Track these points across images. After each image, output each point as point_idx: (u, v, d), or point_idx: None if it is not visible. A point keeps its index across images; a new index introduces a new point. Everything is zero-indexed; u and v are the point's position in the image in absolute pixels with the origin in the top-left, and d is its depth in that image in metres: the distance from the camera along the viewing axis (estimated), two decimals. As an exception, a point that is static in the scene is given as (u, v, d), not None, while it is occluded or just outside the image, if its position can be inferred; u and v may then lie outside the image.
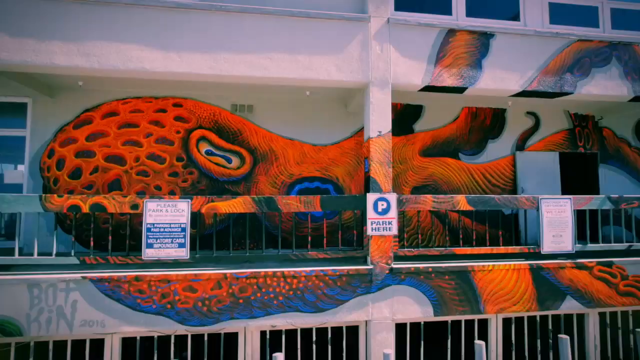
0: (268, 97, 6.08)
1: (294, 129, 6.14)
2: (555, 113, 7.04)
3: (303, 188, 6.08)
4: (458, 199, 4.87)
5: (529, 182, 6.71)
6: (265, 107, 6.09)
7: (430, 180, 6.48)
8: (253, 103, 6.04)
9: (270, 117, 6.10)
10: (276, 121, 6.11)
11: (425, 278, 4.66)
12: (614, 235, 5.38)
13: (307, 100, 6.16)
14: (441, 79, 4.96)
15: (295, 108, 6.18)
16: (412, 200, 4.78)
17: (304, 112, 6.20)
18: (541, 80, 5.23)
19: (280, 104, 6.13)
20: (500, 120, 6.82)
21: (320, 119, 6.24)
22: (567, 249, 5.09)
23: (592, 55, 5.41)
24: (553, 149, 6.96)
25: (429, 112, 6.57)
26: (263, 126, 6.08)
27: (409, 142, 6.47)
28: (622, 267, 5.21)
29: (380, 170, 4.68)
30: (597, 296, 5.10)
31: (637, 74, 5.53)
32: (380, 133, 4.73)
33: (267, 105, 6.10)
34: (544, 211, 5.03)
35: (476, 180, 6.61)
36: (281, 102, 6.13)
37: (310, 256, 4.53)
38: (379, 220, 4.60)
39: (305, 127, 6.18)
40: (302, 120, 6.19)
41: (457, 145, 6.63)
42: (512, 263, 4.88)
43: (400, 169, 6.41)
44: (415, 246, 4.87)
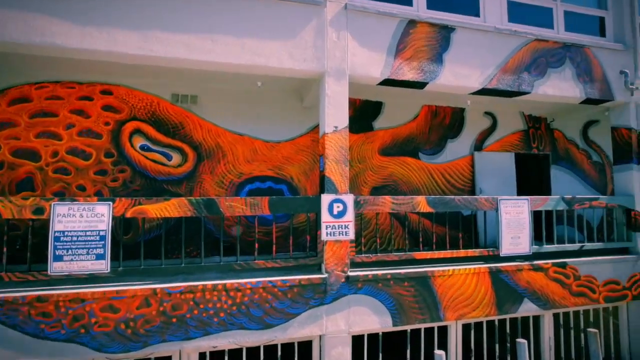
0: (215, 87, 5.46)
1: (244, 123, 5.58)
2: (511, 114, 7.07)
3: (254, 188, 5.54)
4: (418, 200, 4.59)
5: (487, 182, 6.66)
6: (211, 98, 5.47)
7: (390, 180, 6.20)
8: (197, 93, 5.39)
9: (217, 110, 5.49)
10: (224, 114, 5.51)
11: (383, 286, 4.32)
12: (561, 235, 5.40)
13: (259, 92, 5.62)
14: (401, 73, 4.65)
15: (246, 100, 5.62)
16: (371, 201, 4.42)
17: (255, 105, 5.65)
18: (500, 78, 5.10)
19: (228, 95, 5.54)
20: (460, 120, 6.71)
21: (274, 113, 5.73)
22: (524, 251, 5.00)
23: (547, 55, 5.39)
24: (509, 150, 6.97)
25: (389, 110, 6.29)
26: (209, 119, 5.45)
27: (368, 140, 6.14)
28: (575, 267, 5.22)
29: (336, 169, 4.27)
30: (552, 297, 5.06)
31: (588, 76, 5.60)
32: (336, 128, 4.32)
33: (213, 96, 5.48)
34: (502, 212, 4.90)
35: (436, 180, 6.44)
36: (229, 93, 5.54)
37: (257, 265, 4.01)
38: (335, 223, 4.19)
39: (257, 121, 5.64)
40: (254, 114, 5.64)
41: (417, 144, 6.41)
42: (472, 267, 4.69)
43: (359, 169, 6.07)
44: (374, 251, 4.52)
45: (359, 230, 4.68)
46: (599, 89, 5.64)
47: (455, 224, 6.17)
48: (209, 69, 4.27)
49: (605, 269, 5.39)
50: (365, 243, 5.82)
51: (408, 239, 6.07)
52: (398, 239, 6.10)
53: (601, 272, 5.36)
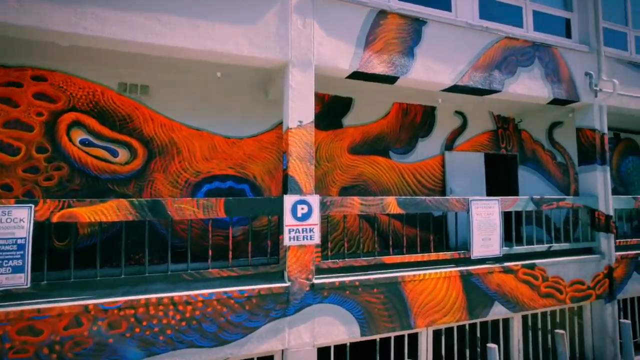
0: (169, 77, 4.95)
1: (202, 117, 5.10)
2: (481, 114, 7.02)
3: (213, 189, 5.07)
4: (388, 201, 4.33)
5: (457, 182, 6.55)
6: (165, 89, 4.95)
7: (360, 180, 5.93)
8: (149, 83, 4.86)
9: (171, 102, 4.97)
10: (179, 107, 5.01)
11: (351, 293, 4.01)
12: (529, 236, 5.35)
13: (220, 84, 5.16)
14: (371, 65, 4.37)
15: (205, 92, 5.14)
16: (338, 203, 4.11)
17: (215, 98, 5.19)
18: (472, 75, 4.95)
19: (184, 86, 5.03)
20: (431, 119, 6.55)
21: (236, 107, 5.29)
22: (495, 253, 4.87)
23: (517, 54, 5.31)
24: (479, 150, 6.91)
25: (359, 106, 6.01)
26: (162, 112, 4.93)
27: (337, 137, 5.84)
28: (544, 268, 5.17)
29: (301, 167, 3.92)
30: (521, 300, 4.98)
31: (556, 76, 5.59)
32: (301, 123, 3.96)
33: (167, 87, 4.96)
34: (473, 213, 4.74)
35: (407, 180, 6.24)
36: (186, 83, 5.04)
37: (211, 274, 3.58)
38: (299, 227, 3.83)
39: (217, 115, 5.17)
40: (213, 108, 5.17)
41: (387, 143, 6.18)
42: (443, 271, 4.49)
43: (327, 167, 5.75)
44: (341, 256, 4.21)
45: (325, 234, 4.36)
46: (565, 89, 5.65)
47: (426, 225, 5.99)
48: (159, 55, 3.79)
49: (571, 269, 5.39)
50: (333, 247, 5.51)
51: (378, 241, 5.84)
52: (368, 242, 5.84)
53: (568, 272, 5.35)
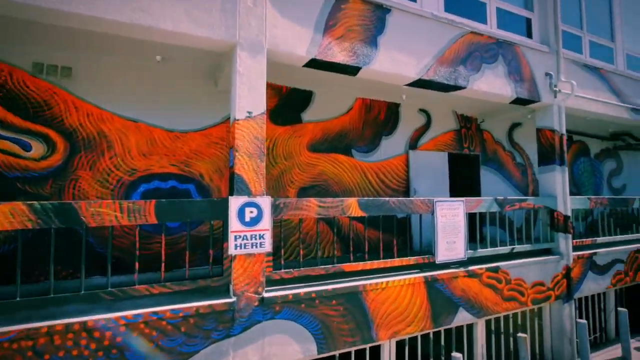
0: (97, 59, 4.24)
1: (139, 107, 4.44)
2: (445, 113, 6.87)
3: (152, 189, 4.43)
4: (349, 203, 3.94)
5: (421, 182, 6.33)
6: (92, 72, 4.24)
7: (321, 179, 5.52)
8: (72, 64, 4.13)
9: (101, 88, 4.27)
10: (111, 94, 4.32)
11: (307, 306, 3.58)
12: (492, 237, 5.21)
13: (161, 70, 4.53)
14: (331, 53, 3.97)
15: (143, 79, 4.48)
16: (293, 205, 3.65)
17: (155, 85, 4.55)
18: (437, 69, 4.70)
19: (117, 70, 4.35)
20: (395, 116, 6.28)
21: (180, 96, 4.67)
22: (459, 256, 4.65)
23: (482, 50, 5.15)
24: (443, 149, 6.75)
25: (319, 100, 5.60)
26: (89, 100, 4.22)
27: (296, 133, 5.38)
28: (507, 271, 5.04)
29: (250, 164, 3.42)
30: (485, 304, 4.80)
31: (518, 75, 5.50)
32: (250, 114, 3.47)
33: (95, 71, 4.26)
34: (438, 215, 4.49)
35: (370, 180, 5.91)
36: (119, 67, 4.36)
37: (138, 292, 2.99)
38: (247, 233, 3.34)
39: (157, 106, 4.53)
40: (153, 97, 4.53)
41: (350, 140, 5.82)
42: (407, 277, 4.18)
43: (285, 166, 5.27)
44: (297, 264, 3.75)
45: (278, 240, 3.89)
46: (527, 89, 5.58)
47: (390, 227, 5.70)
48: (79, 27, 3.13)
49: (532, 270, 5.31)
50: (289, 254, 5.06)
51: (339, 246, 5.46)
52: (328, 247, 5.43)
53: (529, 274, 5.27)
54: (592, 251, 6.14)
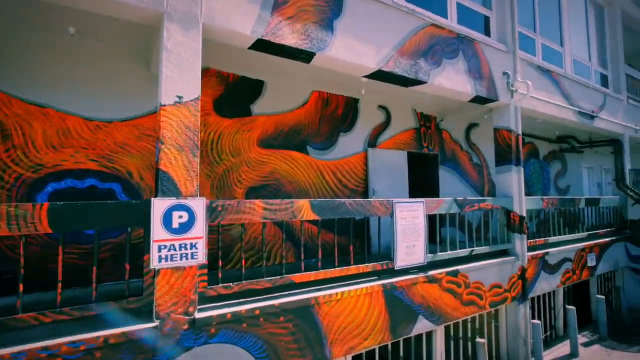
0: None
1: (48, 90, 3.66)
2: (405, 110, 6.65)
3: (63, 189, 3.67)
4: (300, 205, 3.48)
5: (380, 182, 6.04)
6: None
7: (272, 178, 5.01)
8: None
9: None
10: (9, 73, 3.51)
11: (249, 326, 3.07)
12: (451, 239, 5.02)
13: (79, 45, 3.78)
14: (281, 34, 3.48)
15: (54, 56, 3.71)
16: (233, 208, 3.12)
17: (71, 64, 3.79)
18: (397, 61, 4.38)
19: (17, 43, 3.55)
20: (353, 111, 5.93)
21: (103, 79, 3.95)
22: (419, 261, 4.38)
23: (443, 44, 4.93)
24: (402, 148, 6.52)
25: (272, 91, 5.09)
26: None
27: (245, 127, 4.83)
28: (466, 274, 4.86)
29: (179, 160, 2.85)
30: (445, 310, 4.57)
31: (478, 72, 5.36)
32: (180, 100, 2.89)
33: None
34: (398, 217, 4.17)
35: (326, 179, 5.50)
36: (20, 40, 3.56)
37: (25, 321, 2.31)
38: (175, 242, 2.76)
39: (73, 89, 3.78)
40: (67, 78, 3.77)
41: (305, 136, 5.37)
42: (364, 286, 3.80)
43: (231, 164, 4.71)
44: (237, 277, 3.22)
45: (215, 249, 3.34)
46: (486, 87, 5.47)
47: (347, 230, 5.35)
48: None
49: (490, 272, 5.20)
50: (234, 264, 4.50)
51: (291, 252, 5.00)
52: (281, 251, 4.94)
53: (487, 276, 5.15)
54: (545, 251, 6.20)
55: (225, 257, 4.54)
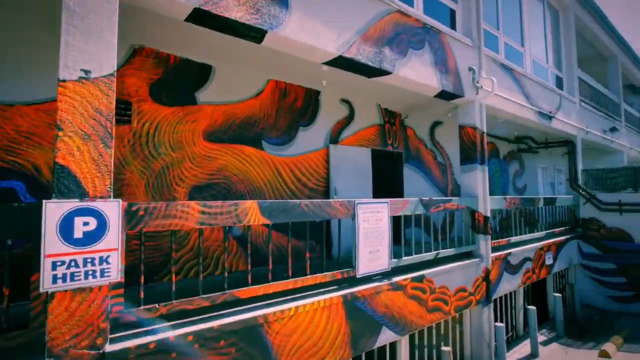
0: None
1: None
2: (369, 105, 6.30)
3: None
4: (247, 207, 2.96)
5: (342, 181, 5.64)
6: None
7: (221, 176, 4.44)
8: None
9: None
10: None
11: (180, 356, 2.51)
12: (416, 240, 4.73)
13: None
14: (224, 5, 2.94)
15: None
16: (160, 211, 2.55)
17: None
18: (360, 47, 3.98)
19: None
20: (314, 104, 5.48)
21: (2, 51, 3.19)
22: (383, 267, 4.01)
23: (409, 33, 4.60)
24: (366, 145, 6.16)
25: (221, 78, 4.51)
26: None
27: (188, 117, 4.22)
28: (432, 279, 4.57)
29: (86, 151, 2.23)
30: (409, 319, 4.24)
31: (444, 66, 5.11)
32: (87, 75, 2.27)
33: None
34: (360, 220, 3.77)
35: (284, 178, 5.01)
36: None
37: None
38: (77, 256, 2.15)
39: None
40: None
41: (260, 129, 4.84)
42: (322, 298, 3.36)
43: (171, 159, 4.08)
44: (166, 295, 2.64)
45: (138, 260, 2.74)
46: (452, 82, 5.23)
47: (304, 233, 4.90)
48: None
49: (456, 276, 4.97)
50: (170, 277, 3.89)
51: (241, 260, 4.47)
52: (227, 261, 4.39)
53: (452, 280, 4.91)
54: (508, 251, 6.12)
55: (163, 267, 3.91)
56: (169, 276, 3.92)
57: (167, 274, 3.96)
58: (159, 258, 3.94)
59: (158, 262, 3.94)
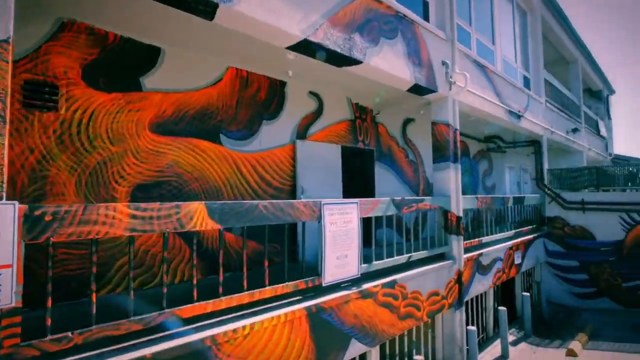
0: None
1: None
2: (339, 99, 5.96)
3: None
4: (191, 210, 2.51)
5: (311, 179, 5.26)
6: None
7: (172, 173, 3.92)
8: None
9: None
10: None
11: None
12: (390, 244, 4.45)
13: None
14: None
15: None
16: (75, 216, 2.04)
17: None
18: (328, 32, 3.60)
19: None
20: (280, 97, 5.05)
21: None
22: (352, 274, 3.66)
23: (381, 20, 4.29)
24: (336, 141, 5.81)
25: (172, 62, 3.98)
26: None
27: (132, 106, 3.67)
28: (404, 284, 4.29)
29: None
30: (380, 328, 3.93)
31: (417, 58, 4.84)
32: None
33: None
34: (327, 222, 3.40)
35: (245, 176, 4.55)
36: None
37: None
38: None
39: None
40: None
41: (218, 122, 4.35)
42: (282, 312, 2.96)
43: (110, 153, 3.52)
44: (99, 314, 2.14)
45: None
46: (425, 75, 4.98)
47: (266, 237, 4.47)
48: None
49: (428, 280, 4.72)
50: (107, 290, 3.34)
51: (196, 268, 3.98)
52: (182, 265, 3.88)
53: (425, 284, 4.66)
54: (479, 252, 5.98)
55: (100, 278, 3.36)
56: (106, 289, 3.38)
57: (105, 286, 3.41)
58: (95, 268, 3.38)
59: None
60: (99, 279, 3.43)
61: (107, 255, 3.45)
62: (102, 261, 3.37)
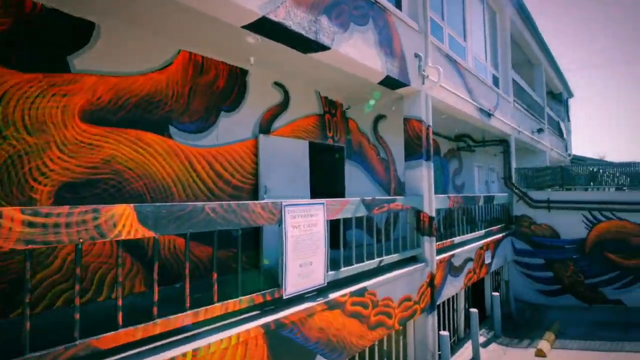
0: None
1: None
2: (306, 92, 5.56)
3: None
4: (114, 214, 2.02)
5: (275, 178, 4.83)
6: None
7: (108, 170, 3.36)
8: None
9: None
10: None
11: None
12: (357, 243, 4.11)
13: None
14: None
15: None
16: (-63, 226, 1.51)
17: None
18: (291, 11, 3.19)
19: None
20: (241, 86, 4.58)
21: None
22: (318, 282, 3.29)
23: (351, 5, 3.93)
24: (303, 137, 5.41)
25: (109, 40, 3.42)
26: None
27: (56, 89, 3.08)
28: (374, 291, 3.97)
29: None
30: (349, 341, 3.58)
31: (389, 48, 4.53)
32: None
33: None
34: (288, 226, 3.00)
35: (199, 174, 4.05)
36: None
37: None
38: None
39: None
40: None
41: (167, 112, 3.83)
42: (234, 332, 2.52)
43: (26, 145, 2.93)
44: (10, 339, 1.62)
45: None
46: (398, 67, 4.69)
47: (224, 242, 4.00)
48: None
49: (400, 285, 4.44)
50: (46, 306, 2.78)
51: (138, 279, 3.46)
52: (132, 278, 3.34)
53: (397, 290, 4.37)
54: (451, 253, 5.80)
55: (15, 295, 2.77)
56: (20, 309, 2.80)
57: (20, 305, 2.82)
58: (6, 284, 2.79)
59: (7, 289, 2.79)
60: (14, 295, 2.84)
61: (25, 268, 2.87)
62: (19, 274, 2.79)
